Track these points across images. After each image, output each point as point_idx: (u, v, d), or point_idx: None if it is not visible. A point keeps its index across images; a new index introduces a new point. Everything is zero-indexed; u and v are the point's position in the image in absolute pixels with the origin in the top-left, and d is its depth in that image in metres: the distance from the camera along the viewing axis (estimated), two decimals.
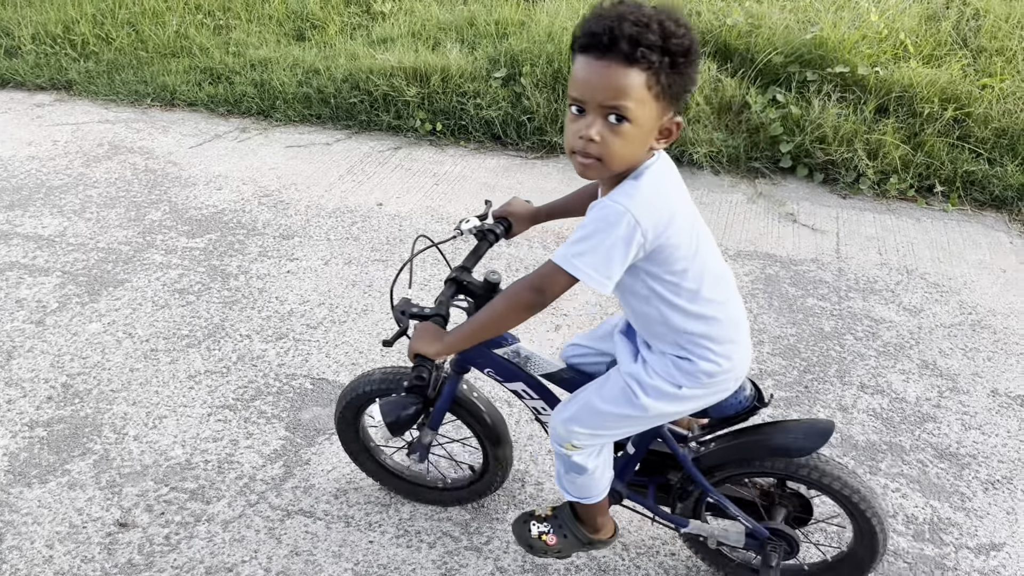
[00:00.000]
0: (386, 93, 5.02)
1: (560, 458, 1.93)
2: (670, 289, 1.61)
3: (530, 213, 2.06)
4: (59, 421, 2.75)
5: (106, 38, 5.91)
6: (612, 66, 1.39)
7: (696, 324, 1.66)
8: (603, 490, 1.98)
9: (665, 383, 1.72)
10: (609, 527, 2.14)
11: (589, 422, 1.82)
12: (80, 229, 3.88)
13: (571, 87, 1.47)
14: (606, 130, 1.44)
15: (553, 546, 2.12)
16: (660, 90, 1.41)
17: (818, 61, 4.78)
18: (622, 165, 1.51)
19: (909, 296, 3.47)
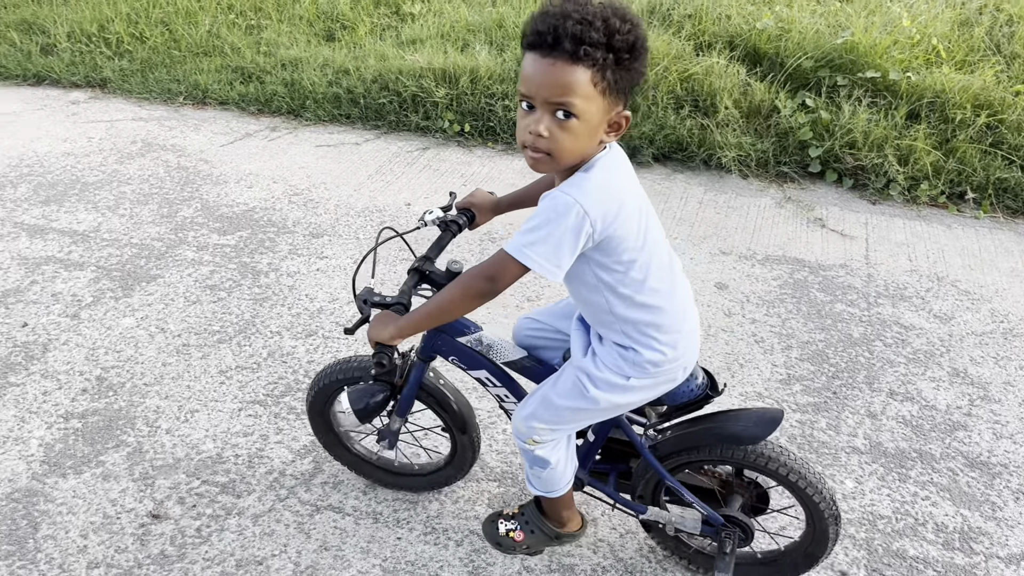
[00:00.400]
0: (415, 94, 5.05)
1: (524, 453, 1.99)
2: (617, 279, 1.65)
3: (492, 204, 2.11)
4: (93, 413, 2.79)
5: (140, 37, 5.99)
6: (557, 64, 1.42)
7: (641, 313, 1.70)
8: (567, 483, 2.04)
9: (614, 375, 1.77)
10: (576, 520, 2.21)
11: (546, 417, 1.88)
12: (114, 225, 3.94)
13: (520, 83, 1.51)
14: (554, 126, 1.48)
15: (521, 542, 2.21)
16: (606, 86, 1.45)
17: (849, 66, 4.75)
18: (571, 159, 1.55)
19: (939, 303, 3.45)
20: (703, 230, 3.96)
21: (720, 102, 4.64)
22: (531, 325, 2.08)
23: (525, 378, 2.06)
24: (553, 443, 1.95)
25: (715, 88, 4.69)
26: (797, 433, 2.74)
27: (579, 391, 1.81)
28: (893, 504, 2.48)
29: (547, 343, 2.05)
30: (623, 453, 2.15)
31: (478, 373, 2.05)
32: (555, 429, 1.90)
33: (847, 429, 2.76)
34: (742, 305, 3.41)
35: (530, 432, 1.91)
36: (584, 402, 1.81)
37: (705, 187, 4.39)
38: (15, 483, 2.52)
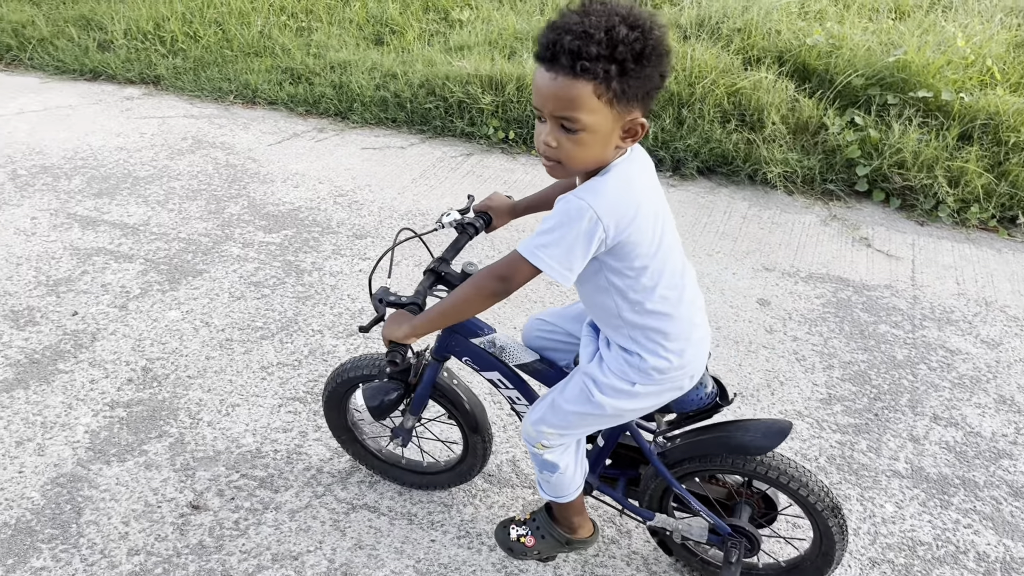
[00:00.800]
0: (461, 100, 5.08)
1: (534, 458, 2.01)
2: (628, 284, 1.65)
3: (509, 207, 2.13)
4: (138, 403, 2.84)
5: (194, 36, 6.11)
6: (558, 78, 1.42)
7: (649, 319, 1.70)
8: (576, 489, 2.06)
9: (620, 381, 1.77)
10: (587, 527, 2.21)
11: (555, 421, 1.89)
12: (163, 219, 4.01)
13: (533, 95, 1.51)
14: (562, 137, 1.49)
15: (532, 547, 2.22)
16: (612, 96, 1.43)
17: (900, 85, 4.70)
18: (584, 166, 1.56)
19: (987, 329, 3.38)
20: (746, 245, 3.93)
21: (767, 117, 4.60)
22: (541, 327, 2.09)
23: (536, 380, 2.08)
24: (562, 448, 1.96)
25: (763, 103, 4.66)
26: (837, 454, 2.71)
27: (585, 396, 1.82)
28: (934, 531, 2.44)
29: (557, 345, 2.06)
30: (632, 459, 2.17)
31: (490, 375, 2.08)
32: (563, 434, 1.92)
33: (888, 452, 2.72)
34: (784, 322, 3.38)
35: (539, 436, 1.93)
36: (590, 407, 1.82)
37: (749, 202, 4.36)
38: (61, 468, 2.57)
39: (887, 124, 4.52)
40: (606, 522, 2.42)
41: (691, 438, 2.00)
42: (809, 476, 1.94)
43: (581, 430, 1.94)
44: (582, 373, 1.85)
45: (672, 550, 2.25)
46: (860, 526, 2.44)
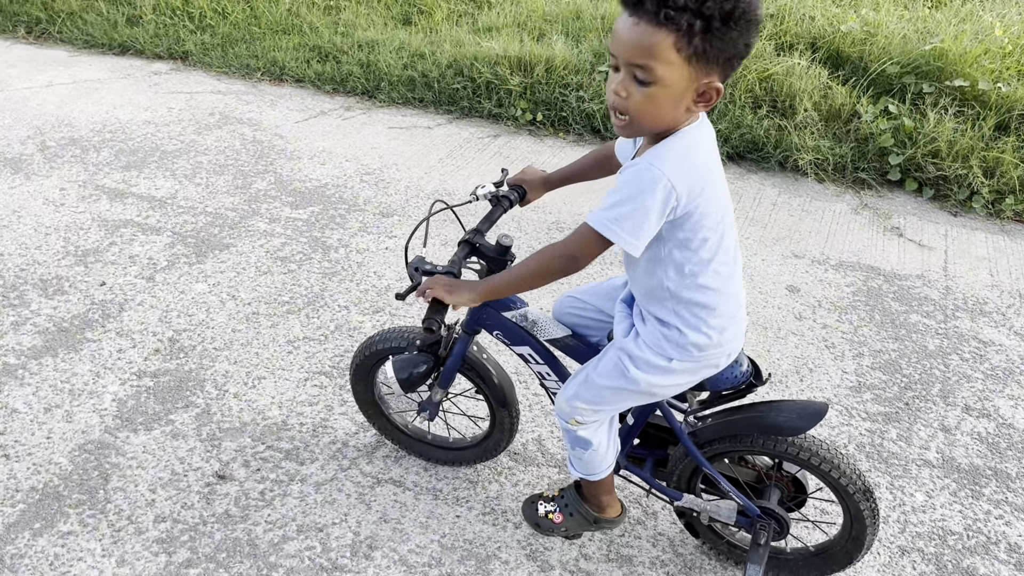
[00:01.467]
0: (489, 81, 5.05)
1: (567, 434, 1.98)
2: (686, 256, 1.61)
3: (543, 180, 2.10)
4: (165, 373, 2.85)
5: (222, 12, 6.10)
6: (640, 24, 1.36)
7: (698, 294, 1.67)
8: (608, 467, 2.03)
9: (656, 356, 1.74)
10: (615, 506, 2.19)
11: (589, 397, 1.87)
12: (190, 193, 4.02)
13: (610, 42, 1.46)
14: (633, 88, 1.44)
15: (559, 524, 2.20)
16: (692, 53, 1.36)
17: (936, 73, 4.62)
18: (653, 125, 1.50)
19: (1021, 321, 3.33)
20: (776, 232, 3.89)
21: (799, 104, 4.54)
22: (573, 304, 2.06)
23: (568, 356, 2.06)
24: (596, 424, 1.94)
25: (795, 89, 4.60)
26: (866, 442, 2.67)
27: (620, 371, 1.79)
28: (965, 520, 2.41)
29: (588, 322, 2.04)
30: (661, 439, 2.15)
31: (521, 349, 2.06)
32: (597, 410, 1.89)
33: (919, 441, 2.69)
34: (814, 310, 3.34)
35: (573, 412, 1.91)
36: (625, 382, 1.80)
37: (779, 189, 4.31)
38: (88, 435, 2.58)
39: (922, 113, 4.45)
40: (632, 503, 2.40)
41: (723, 418, 1.98)
42: (841, 458, 1.91)
43: (615, 406, 1.92)
44: (617, 348, 1.83)
45: (699, 532, 2.23)
46: (890, 514, 2.41)
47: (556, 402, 1.97)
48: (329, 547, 2.25)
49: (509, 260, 1.96)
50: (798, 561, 2.16)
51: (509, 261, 1.97)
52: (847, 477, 1.90)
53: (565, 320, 2.08)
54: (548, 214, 3.95)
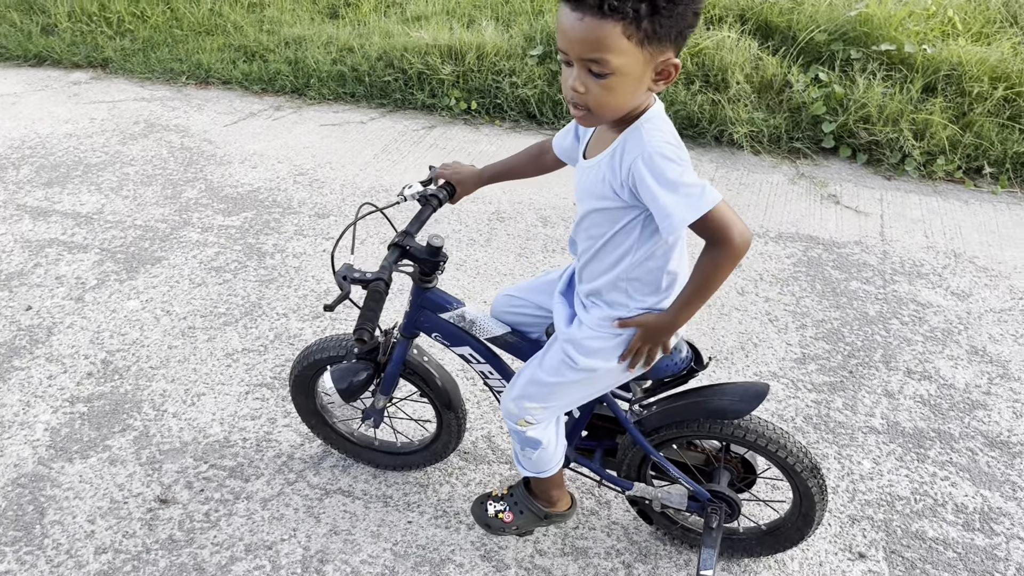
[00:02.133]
0: (420, 71, 4.98)
1: (515, 435, 1.95)
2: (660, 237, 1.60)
3: (475, 176, 2.06)
4: (99, 397, 2.76)
5: (141, 16, 5.92)
6: (585, 18, 1.34)
7: (661, 275, 1.67)
8: (557, 463, 2.01)
9: (601, 339, 1.74)
10: (566, 499, 2.17)
11: (537, 394, 1.85)
12: (118, 206, 3.89)
13: (557, 37, 1.43)
14: (590, 81, 1.41)
15: (510, 523, 2.16)
16: (643, 36, 1.35)
17: (863, 39, 4.66)
18: (615, 113, 1.48)
19: (957, 280, 3.38)
20: None
21: (731, 77, 4.55)
22: (510, 302, 2.03)
23: (509, 354, 2.04)
24: (545, 423, 1.92)
25: (726, 63, 4.61)
26: (813, 413, 2.69)
27: (567, 364, 1.77)
28: (912, 485, 2.44)
29: (527, 319, 2.01)
30: (609, 430, 2.13)
31: (461, 350, 2.03)
32: (546, 407, 1.87)
33: (864, 409, 2.71)
34: (755, 283, 3.35)
35: (521, 413, 1.88)
36: (575, 374, 1.78)
37: (717, 164, 4.32)
38: (21, 468, 2.49)
39: (851, 79, 4.49)
40: (584, 493, 2.39)
41: (667, 405, 1.97)
42: (787, 438, 1.92)
43: (565, 400, 1.89)
44: (560, 340, 1.80)
45: (652, 519, 2.23)
46: (839, 484, 2.43)
47: (503, 404, 1.94)
48: (279, 565, 2.20)
49: (441, 261, 1.92)
50: (752, 540, 2.16)
51: (441, 262, 1.93)
52: (793, 456, 1.91)
53: (504, 319, 2.04)
54: (488, 204, 3.91)
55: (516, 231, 3.71)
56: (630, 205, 1.55)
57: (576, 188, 1.69)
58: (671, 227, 1.49)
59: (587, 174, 1.62)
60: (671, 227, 1.49)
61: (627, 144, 1.52)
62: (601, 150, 1.58)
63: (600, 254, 1.68)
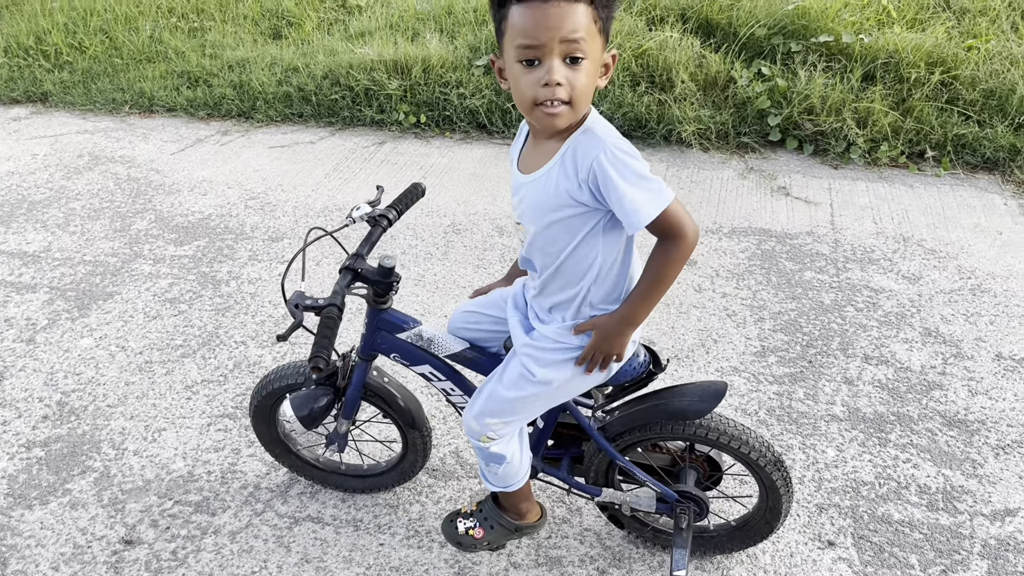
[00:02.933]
0: (367, 88, 4.96)
1: (479, 451, 1.95)
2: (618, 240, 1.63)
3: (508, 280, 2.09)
4: (56, 440, 2.70)
5: (79, 47, 5.82)
6: (561, 5, 1.39)
7: (620, 281, 1.69)
8: (524, 476, 2.01)
9: (559, 350, 1.75)
10: (535, 510, 2.17)
11: (498, 410, 1.85)
12: (65, 243, 3.82)
13: (519, 38, 1.43)
14: (568, 71, 1.44)
15: (481, 539, 2.14)
16: (602, 24, 1.44)
17: (801, 31, 4.74)
18: (586, 105, 1.51)
19: (907, 264, 3.45)
20: None
21: (676, 76, 4.60)
22: (467, 319, 2.03)
23: (470, 370, 2.03)
24: (507, 437, 1.91)
25: (670, 63, 4.65)
26: (775, 405, 2.72)
27: (526, 378, 1.78)
28: (875, 469, 2.48)
29: (486, 334, 2.00)
30: (574, 437, 2.14)
31: (421, 368, 2.02)
32: (508, 421, 1.87)
33: (825, 397, 2.75)
34: (712, 280, 3.38)
35: (483, 429, 1.87)
36: (534, 387, 1.78)
37: (667, 163, 4.36)
38: None
39: (793, 72, 4.56)
40: (555, 502, 2.39)
41: (629, 409, 1.98)
42: (749, 433, 1.93)
43: (526, 414, 1.89)
44: (519, 355, 1.81)
45: (623, 523, 2.24)
46: (804, 474, 2.47)
47: (464, 422, 1.93)
48: None
49: (394, 281, 1.91)
50: (723, 537, 2.18)
51: (394, 282, 1.92)
52: (756, 451, 1.93)
53: (462, 335, 2.03)
54: (443, 217, 3.90)
55: (472, 243, 3.70)
56: (592, 209, 1.56)
57: (519, 207, 1.67)
58: (637, 222, 1.50)
59: (533, 188, 1.62)
60: (637, 222, 1.50)
61: (579, 147, 1.52)
62: (543, 161, 1.59)
63: (562, 269, 1.68)
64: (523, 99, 1.48)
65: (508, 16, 1.44)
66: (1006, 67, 4.39)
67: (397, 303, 3.12)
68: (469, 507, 2.21)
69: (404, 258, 3.59)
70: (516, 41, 1.43)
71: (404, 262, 3.56)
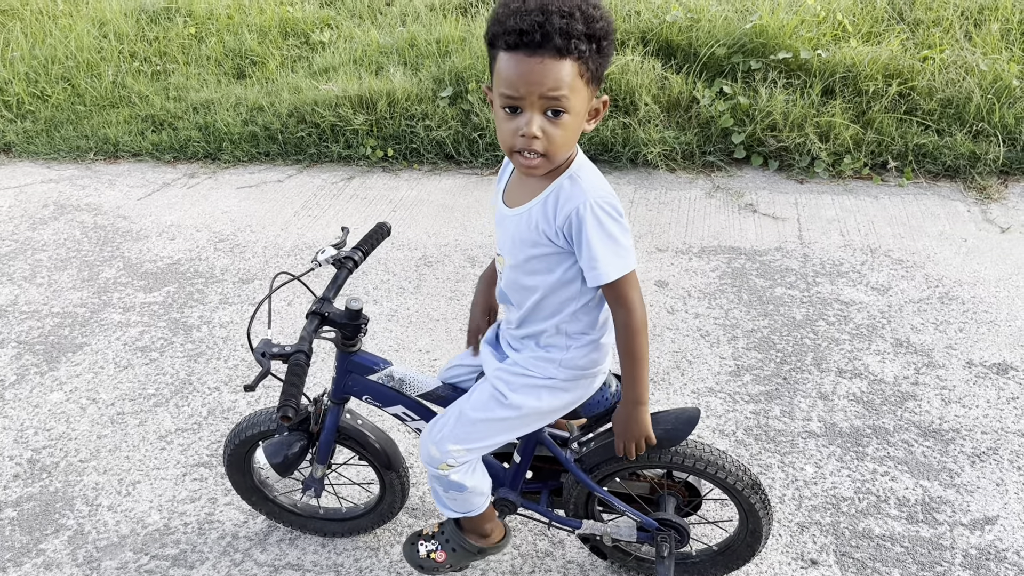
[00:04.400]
0: (333, 124, 4.96)
1: (436, 480, 1.92)
2: None
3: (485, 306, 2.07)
4: (28, 499, 2.65)
5: (41, 95, 5.78)
6: (546, 61, 1.40)
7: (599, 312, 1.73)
8: (486, 500, 1.99)
9: (533, 377, 1.76)
10: (498, 531, 2.14)
11: (463, 435, 1.82)
12: (32, 296, 3.77)
13: (502, 86, 1.46)
14: (547, 124, 1.46)
15: (443, 562, 2.12)
16: (590, 75, 1.45)
17: (760, 49, 4.81)
18: (565, 153, 1.54)
19: (875, 275, 3.48)
20: (637, 229, 3.95)
21: (639, 99, 4.64)
22: (453, 373, 2.03)
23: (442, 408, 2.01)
24: (468, 466, 1.89)
25: (633, 86, 4.70)
26: (752, 424, 2.73)
27: (496, 400, 1.77)
28: (854, 484, 2.49)
29: (461, 373, 2.01)
30: (553, 471, 2.13)
31: (394, 409, 2.01)
32: (471, 448, 1.84)
33: (801, 414, 2.76)
34: (684, 300, 3.40)
35: (444, 456, 1.84)
36: (503, 410, 1.77)
37: (635, 186, 4.39)
38: None
39: (754, 90, 4.62)
40: (537, 535, 2.38)
41: (604, 439, 1.97)
42: (725, 458, 1.93)
43: (491, 441, 1.85)
44: (490, 379, 1.81)
45: (606, 553, 2.22)
46: (785, 493, 2.47)
47: (422, 449, 1.89)
48: None
49: (362, 323, 1.90)
50: (706, 562, 2.17)
51: (362, 324, 1.91)
52: (733, 475, 1.93)
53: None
54: (414, 250, 3.90)
55: (445, 274, 3.70)
56: (567, 251, 1.59)
57: (500, 239, 1.70)
58: (597, 277, 1.55)
59: (514, 222, 1.64)
60: (597, 277, 1.55)
61: (562, 192, 1.55)
62: (527, 197, 1.61)
63: (542, 304, 1.70)
64: (503, 143, 1.52)
65: (497, 59, 1.46)
66: (961, 76, 4.47)
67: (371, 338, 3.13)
68: (431, 528, 2.17)
69: (376, 293, 3.58)
70: (500, 88, 1.46)
71: (376, 298, 3.54)
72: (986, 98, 4.33)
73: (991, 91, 4.35)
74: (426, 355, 3.18)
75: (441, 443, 1.83)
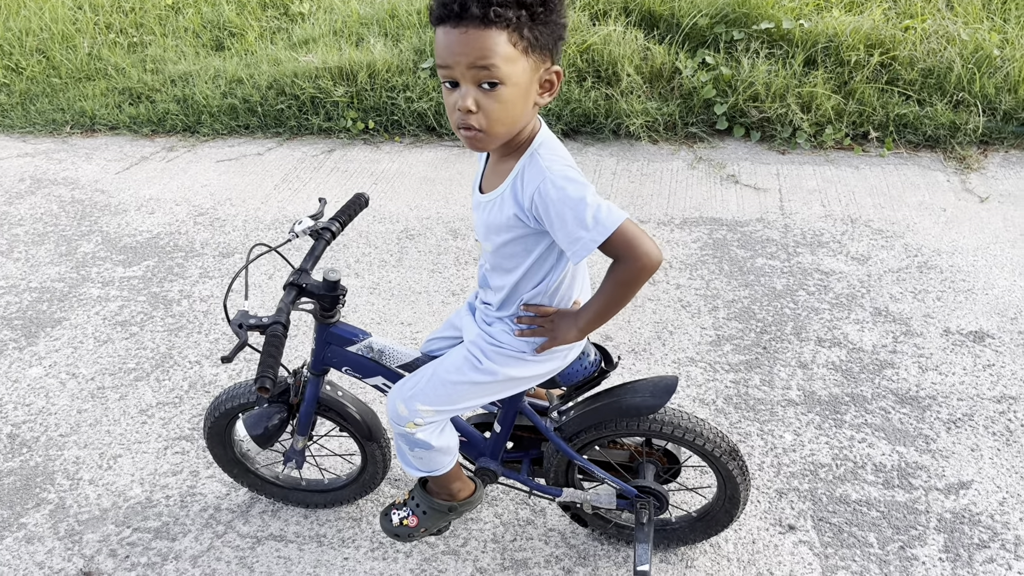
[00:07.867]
0: (313, 96, 4.91)
1: (402, 437, 1.89)
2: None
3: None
4: (8, 474, 2.64)
5: (16, 68, 5.69)
6: (470, 31, 1.37)
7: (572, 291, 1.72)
8: (453, 459, 1.98)
9: (509, 348, 1.76)
10: (467, 488, 2.11)
11: (434, 396, 1.81)
12: (9, 271, 3.73)
13: (437, 61, 1.44)
14: (481, 97, 1.42)
15: (416, 527, 2.11)
16: (527, 44, 1.40)
17: (743, 19, 4.79)
18: (509, 129, 1.49)
19: (855, 245, 3.50)
20: (620, 200, 3.95)
21: (622, 70, 4.62)
22: (434, 346, 2.03)
23: None
24: (436, 425, 1.87)
25: (615, 56, 4.67)
26: (732, 393, 2.75)
27: (471, 364, 1.77)
28: (832, 451, 2.51)
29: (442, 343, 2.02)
30: (533, 440, 2.14)
31: (374, 380, 2.00)
32: (440, 410, 1.83)
33: (780, 383, 2.79)
34: (665, 272, 3.41)
35: (412, 415, 1.82)
36: (477, 374, 1.77)
37: (617, 157, 4.38)
38: None
39: (736, 60, 4.61)
40: (519, 504, 2.39)
41: (583, 408, 1.98)
42: (703, 425, 1.95)
43: (462, 404, 1.84)
44: (466, 343, 1.81)
45: (587, 521, 2.24)
46: (764, 460, 2.49)
47: (389, 406, 1.87)
48: None
49: (340, 294, 1.90)
50: (685, 528, 2.20)
51: (340, 295, 1.90)
52: (711, 442, 1.94)
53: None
54: (396, 223, 3.88)
55: (427, 247, 3.69)
56: (542, 230, 1.56)
57: (478, 225, 1.69)
58: (581, 250, 1.48)
59: (488, 209, 1.63)
60: (581, 250, 1.48)
61: (525, 172, 1.53)
62: (499, 182, 1.59)
63: (520, 286, 1.70)
64: (450, 120, 1.49)
65: (435, 34, 1.44)
66: (943, 46, 4.47)
67: (353, 311, 3.12)
68: (401, 497, 2.18)
69: (358, 266, 3.56)
70: (436, 62, 1.44)
71: (358, 271, 3.53)
72: (967, 68, 4.33)
73: (972, 61, 4.36)
74: (408, 327, 3.18)
75: (410, 401, 1.82)
